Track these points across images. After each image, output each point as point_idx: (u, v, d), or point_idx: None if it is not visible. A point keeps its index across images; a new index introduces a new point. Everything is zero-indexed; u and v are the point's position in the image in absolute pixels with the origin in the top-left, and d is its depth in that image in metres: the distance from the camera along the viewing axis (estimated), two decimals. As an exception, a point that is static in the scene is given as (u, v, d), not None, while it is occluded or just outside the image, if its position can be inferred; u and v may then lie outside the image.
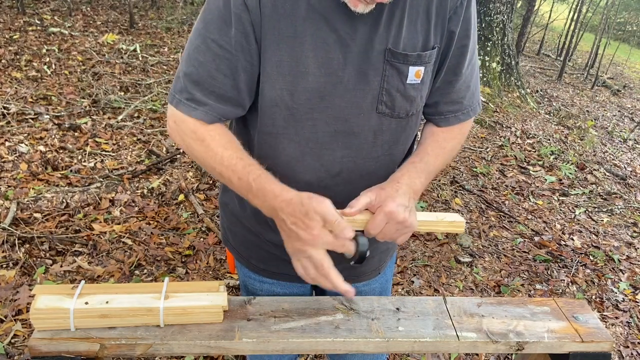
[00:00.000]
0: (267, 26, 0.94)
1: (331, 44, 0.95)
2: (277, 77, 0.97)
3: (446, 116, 1.13)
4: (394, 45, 0.97)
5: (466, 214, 3.57)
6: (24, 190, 3.03)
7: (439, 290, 2.75)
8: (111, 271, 2.55)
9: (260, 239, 1.22)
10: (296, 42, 0.94)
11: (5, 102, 3.99)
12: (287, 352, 1.02)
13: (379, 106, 1.02)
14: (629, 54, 12.06)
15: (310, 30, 0.94)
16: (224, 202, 1.29)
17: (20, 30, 5.98)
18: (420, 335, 1.04)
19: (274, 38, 0.94)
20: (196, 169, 3.58)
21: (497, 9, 6.02)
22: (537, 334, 1.05)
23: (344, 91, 0.99)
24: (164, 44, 6.40)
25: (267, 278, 1.28)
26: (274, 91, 0.98)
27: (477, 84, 1.14)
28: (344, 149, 1.05)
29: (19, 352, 2.03)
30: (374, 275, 1.32)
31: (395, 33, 0.97)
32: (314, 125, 1.02)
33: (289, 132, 1.03)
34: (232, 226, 1.28)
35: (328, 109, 1.00)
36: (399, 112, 1.04)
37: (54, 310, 0.95)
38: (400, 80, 1.00)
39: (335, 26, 0.95)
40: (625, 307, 2.85)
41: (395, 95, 1.01)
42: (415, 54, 0.98)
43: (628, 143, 5.94)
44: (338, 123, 1.02)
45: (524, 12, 8.67)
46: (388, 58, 0.97)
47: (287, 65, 0.96)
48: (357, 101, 1.00)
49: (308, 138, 1.03)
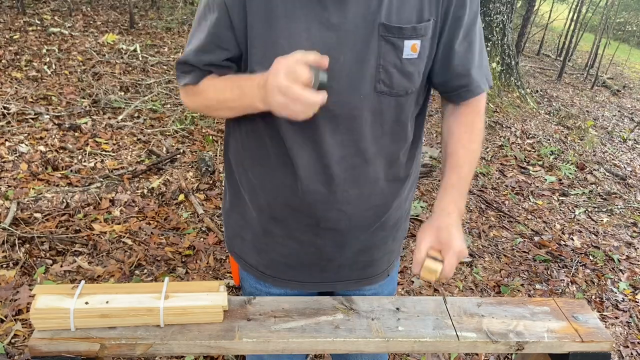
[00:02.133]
0: (257, 6, 0.94)
1: (324, 23, 0.94)
2: (270, 58, 0.94)
3: (458, 92, 1.10)
4: (387, 19, 0.95)
5: (466, 214, 3.57)
6: (24, 190, 3.03)
7: (438, 290, 2.75)
8: (111, 271, 2.55)
9: (269, 244, 1.19)
10: (288, 21, 0.94)
11: (5, 102, 3.99)
12: (287, 352, 1.03)
13: (377, 85, 0.99)
14: (629, 54, 12.06)
15: (301, 9, 0.93)
16: (229, 210, 1.26)
17: (20, 30, 5.98)
18: (420, 335, 1.04)
19: (265, 19, 0.95)
20: (196, 169, 3.58)
21: (497, 9, 6.02)
22: (537, 334, 1.05)
23: (340, 72, 0.97)
24: (164, 44, 6.40)
25: (275, 287, 1.25)
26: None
27: (482, 57, 1.10)
28: (345, 133, 1.03)
29: (19, 352, 2.03)
30: (383, 277, 1.29)
31: (387, 7, 0.95)
32: None
33: (286, 118, 0.99)
34: (239, 233, 1.24)
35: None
36: (398, 89, 1.01)
37: (54, 310, 0.96)
38: (396, 55, 0.98)
39: (326, 4, 0.94)
40: (625, 307, 2.85)
41: (392, 71, 0.99)
42: (410, 26, 0.96)
43: (628, 143, 5.94)
44: (337, 106, 0.99)
45: (524, 12, 8.67)
46: (382, 33, 0.96)
47: (280, 46, 0.95)
48: (354, 82, 0.98)
49: (307, 123, 0.99)
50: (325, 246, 1.16)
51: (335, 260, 1.19)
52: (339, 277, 1.23)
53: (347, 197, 1.10)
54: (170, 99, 4.70)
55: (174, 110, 4.45)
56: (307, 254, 1.17)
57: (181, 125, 4.20)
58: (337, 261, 1.19)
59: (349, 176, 1.07)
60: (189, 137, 4.05)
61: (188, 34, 6.98)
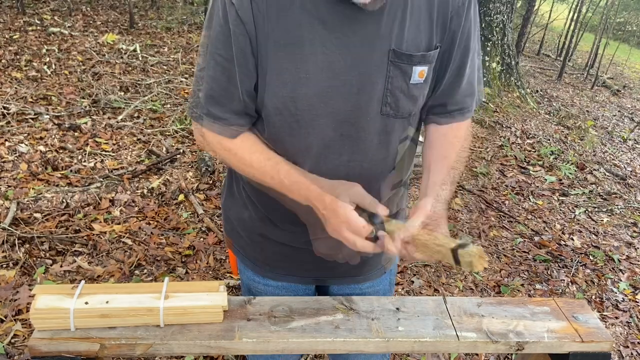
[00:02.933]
0: (263, 36, 0.93)
1: (331, 47, 0.94)
2: (278, 85, 0.96)
3: (451, 113, 1.13)
4: (397, 46, 0.96)
5: (466, 214, 3.57)
6: (24, 190, 3.03)
7: (438, 290, 2.75)
8: (111, 271, 2.55)
9: (266, 239, 1.21)
10: (295, 48, 0.94)
11: (5, 102, 3.99)
12: (287, 352, 1.03)
13: (384, 108, 1.01)
14: (629, 54, 12.06)
15: (308, 35, 0.93)
16: (228, 206, 1.29)
17: (20, 30, 5.98)
18: (420, 335, 1.04)
19: (272, 47, 0.94)
20: (196, 169, 3.58)
21: (497, 9, 6.02)
22: (537, 334, 1.05)
23: (347, 94, 0.98)
24: (164, 44, 6.40)
25: (272, 280, 1.27)
26: (276, 99, 0.98)
27: (480, 81, 1.14)
28: (351, 153, 1.05)
29: (19, 352, 2.03)
30: (380, 274, 1.31)
31: (397, 33, 0.96)
32: (319, 131, 1.01)
33: (294, 139, 1.03)
34: (237, 228, 1.27)
35: (332, 113, 0.99)
36: (403, 112, 1.04)
37: (54, 310, 0.95)
38: (404, 80, 0.99)
39: (334, 28, 0.93)
40: (625, 307, 2.85)
41: (399, 95, 1.01)
42: (419, 54, 0.98)
43: (628, 143, 5.94)
44: (343, 127, 1.01)
45: (524, 12, 8.67)
46: (392, 59, 0.97)
47: (287, 72, 0.95)
48: (361, 104, 1.00)
49: (314, 144, 1.02)
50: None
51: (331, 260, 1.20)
52: (334, 273, 1.25)
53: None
54: (170, 99, 4.70)
55: (174, 110, 4.45)
56: (303, 253, 1.19)
57: (181, 125, 4.20)
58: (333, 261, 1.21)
59: None
60: (189, 137, 4.05)
61: (188, 33, 7.00)
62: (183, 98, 4.76)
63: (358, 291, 1.31)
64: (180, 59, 5.85)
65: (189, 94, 4.89)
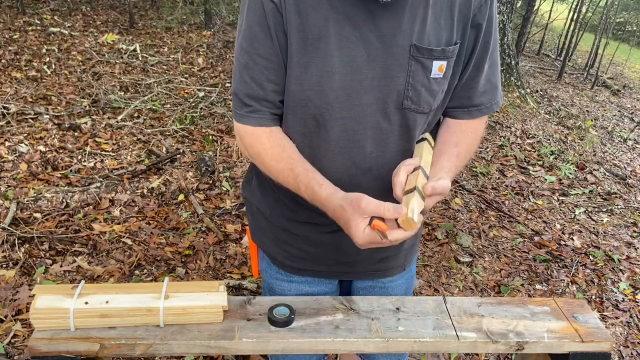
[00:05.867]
0: (293, 30, 0.97)
1: (355, 42, 0.97)
2: (305, 78, 0.99)
3: (469, 109, 1.15)
4: (418, 41, 0.99)
5: (466, 214, 3.57)
6: (23, 190, 3.03)
7: (438, 290, 2.75)
8: (111, 271, 2.55)
9: (290, 234, 1.23)
10: (322, 42, 0.97)
11: (5, 102, 3.99)
12: (287, 352, 1.03)
13: (405, 102, 1.03)
14: (629, 54, 12.05)
15: (334, 30, 0.96)
16: (248, 200, 1.32)
17: (20, 30, 5.98)
18: (420, 335, 1.04)
19: (301, 41, 0.97)
20: (196, 169, 3.58)
21: (497, 8, 6.02)
22: (537, 334, 1.05)
23: (370, 88, 1.01)
24: (164, 44, 6.40)
25: (296, 275, 1.29)
26: (302, 92, 1.01)
27: (498, 79, 1.16)
28: (374, 145, 1.07)
29: (19, 352, 2.03)
30: (399, 271, 1.33)
31: (419, 29, 0.98)
32: (342, 124, 1.04)
33: (319, 131, 1.05)
34: (263, 225, 1.29)
35: (355, 106, 1.02)
36: (423, 106, 1.06)
37: (54, 310, 0.95)
38: (424, 74, 1.02)
39: (358, 24, 0.97)
40: (625, 307, 2.85)
41: (420, 90, 1.03)
42: (439, 48, 1.00)
43: (628, 143, 5.94)
44: (366, 120, 1.04)
45: (524, 12, 8.67)
46: (413, 53, 0.99)
47: (314, 66, 0.98)
48: (383, 97, 1.02)
49: (338, 137, 1.05)
50: (342, 245, 1.20)
51: (352, 256, 1.23)
52: (355, 269, 1.28)
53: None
54: (170, 99, 4.70)
55: (173, 110, 4.45)
56: (326, 251, 1.23)
57: (181, 125, 4.20)
58: (354, 257, 1.24)
59: (374, 185, 1.11)
60: (188, 137, 4.05)
61: (188, 33, 7.00)
62: (183, 98, 4.76)
63: (380, 284, 1.33)
64: (180, 58, 5.85)
65: (189, 93, 4.89)
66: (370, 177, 1.11)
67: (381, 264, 1.28)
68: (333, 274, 1.30)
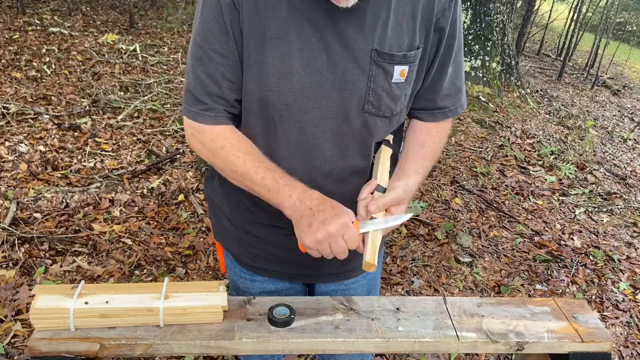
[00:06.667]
0: (249, 27, 0.94)
1: (315, 44, 0.96)
2: (262, 77, 0.97)
3: (433, 112, 1.15)
4: (380, 45, 0.98)
5: (466, 214, 3.57)
6: (23, 190, 3.03)
7: (439, 290, 2.75)
8: (111, 271, 2.55)
9: (252, 236, 1.22)
10: (280, 42, 0.95)
11: (5, 102, 3.99)
12: (287, 352, 1.03)
13: (366, 106, 1.02)
14: (629, 54, 12.05)
15: (294, 30, 0.94)
16: (210, 198, 1.30)
17: (20, 30, 5.98)
18: (420, 335, 1.04)
19: (259, 39, 0.95)
20: (196, 169, 3.58)
21: (497, 9, 6.02)
22: (537, 334, 1.05)
23: (330, 91, 0.99)
24: (164, 44, 6.40)
25: (258, 275, 1.29)
26: (260, 92, 0.99)
27: (462, 82, 1.16)
28: (334, 149, 1.06)
29: (19, 352, 2.03)
30: (360, 272, 1.32)
31: (380, 33, 0.97)
32: (301, 127, 1.02)
33: (277, 133, 1.04)
34: (226, 225, 1.28)
35: (315, 109, 1.01)
36: (385, 111, 1.05)
37: (54, 310, 0.95)
38: (386, 79, 1.01)
39: (319, 25, 0.95)
40: (625, 307, 2.85)
41: (381, 94, 1.02)
42: (401, 53, 0.99)
43: (628, 143, 5.94)
44: (326, 123, 1.03)
45: (524, 12, 8.67)
46: (374, 58, 0.98)
47: (271, 66, 0.96)
48: (344, 101, 1.01)
49: (297, 139, 1.04)
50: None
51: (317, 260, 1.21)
52: (318, 272, 1.27)
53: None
54: (170, 99, 4.70)
55: (173, 110, 4.45)
56: (288, 253, 1.21)
57: (181, 125, 4.20)
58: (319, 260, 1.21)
59: (334, 189, 1.10)
60: (188, 137, 4.04)
61: (188, 33, 6.99)
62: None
63: (343, 287, 1.33)
64: (180, 58, 5.85)
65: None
66: (331, 180, 1.10)
67: (346, 265, 1.26)
68: (296, 276, 1.28)
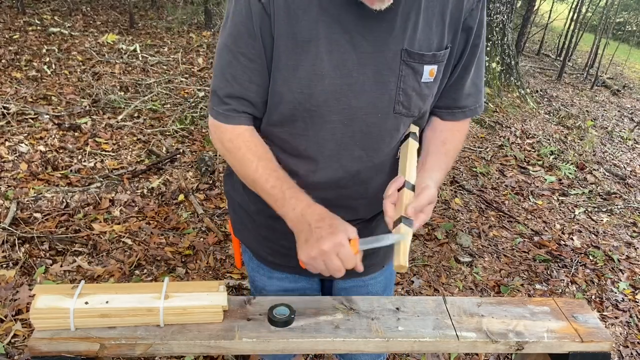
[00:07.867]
0: (280, 31, 0.95)
1: (345, 45, 0.96)
2: (293, 80, 0.98)
3: (453, 111, 1.16)
4: (409, 46, 0.98)
5: (466, 214, 3.57)
6: (24, 190, 3.03)
7: (438, 290, 2.75)
8: (111, 271, 2.55)
9: (271, 230, 1.23)
10: (311, 45, 0.96)
11: (5, 102, 3.99)
12: (287, 352, 1.03)
13: (396, 106, 1.03)
14: (629, 54, 12.05)
15: (323, 33, 0.95)
16: (229, 194, 1.31)
17: (20, 30, 5.98)
18: (420, 335, 1.04)
19: (289, 42, 0.96)
20: (196, 169, 3.58)
21: (497, 9, 6.02)
22: (536, 334, 1.05)
23: (360, 92, 1.00)
24: (164, 44, 6.40)
25: (276, 271, 1.29)
26: (291, 94, 1.00)
27: (482, 82, 1.17)
28: (362, 149, 1.07)
29: (19, 352, 2.03)
30: (378, 268, 1.33)
31: (410, 34, 0.98)
32: (332, 127, 1.03)
33: (308, 134, 1.05)
34: (245, 220, 1.29)
35: (345, 110, 1.01)
36: (414, 111, 1.06)
37: (54, 310, 0.96)
38: (415, 79, 1.02)
39: (349, 27, 0.96)
40: (625, 307, 2.85)
41: (411, 94, 1.03)
42: (430, 53, 1.00)
43: (628, 143, 5.94)
44: (356, 124, 1.03)
45: (524, 12, 8.67)
46: (404, 58, 0.99)
47: (303, 68, 0.97)
48: (374, 102, 1.02)
49: (327, 139, 1.04)
50: None
51: None
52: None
53: (355, 205, 1.16)
54: (170, 99, 4.70)
55: (174, 110, 4.45)
56: None
57: (181, 125, 4.20)
58: None
59: (360, 188, 1.11)
60: (188, 137, 4.05)
61: (188, 33, 7.00)
62: (183, 98, 4.76)
63: (361, 283, 1.33)
64: (180, 59, 5.85)
65: (189, 93, 4.89)
66: (357, 181, 1.11)
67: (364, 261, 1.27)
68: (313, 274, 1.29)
